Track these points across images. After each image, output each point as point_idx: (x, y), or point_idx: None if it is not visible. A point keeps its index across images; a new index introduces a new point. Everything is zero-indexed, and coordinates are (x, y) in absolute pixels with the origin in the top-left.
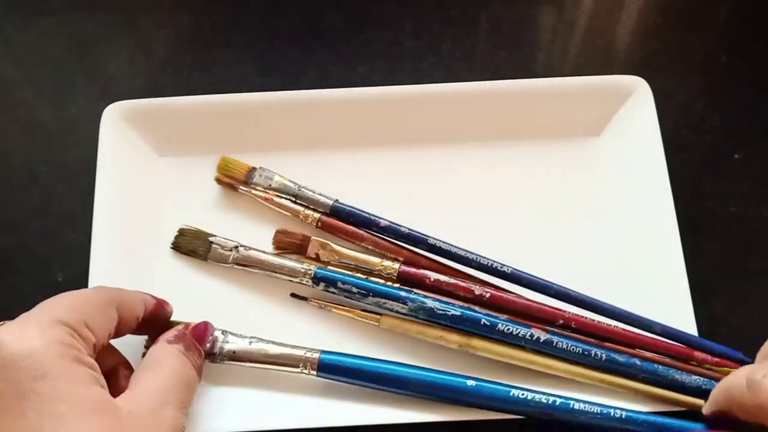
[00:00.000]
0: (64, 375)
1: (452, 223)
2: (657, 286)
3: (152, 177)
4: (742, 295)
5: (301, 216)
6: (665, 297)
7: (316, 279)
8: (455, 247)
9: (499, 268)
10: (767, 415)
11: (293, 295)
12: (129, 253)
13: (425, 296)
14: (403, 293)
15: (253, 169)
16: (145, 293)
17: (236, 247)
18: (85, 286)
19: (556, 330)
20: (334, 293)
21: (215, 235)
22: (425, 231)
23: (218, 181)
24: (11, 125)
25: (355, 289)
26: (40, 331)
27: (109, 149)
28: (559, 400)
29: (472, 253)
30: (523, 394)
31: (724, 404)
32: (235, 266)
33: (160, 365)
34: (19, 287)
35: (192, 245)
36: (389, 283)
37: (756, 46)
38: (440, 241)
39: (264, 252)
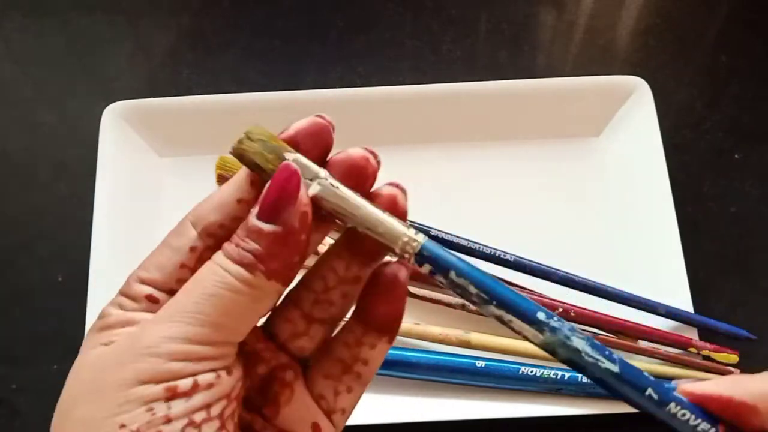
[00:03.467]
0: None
1: (451, 223)
2: (657, 286)
3: (152, 177)
4: (742, 295)
5: None
6: (665, 296)
7: (422, 257)
8: (458, 237)
9: (502, 256)
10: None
11: None
12: (129, 253)
13: (572, 329)
14: (542, 315)
15: None
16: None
17: (323, 177)
18: (85, 286)
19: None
20: (441, 283)
21: (294, 152)
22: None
23: (219, 179)
24: (11, 125)
25: (473, 289)
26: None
27: (109, 149)
28: (567, 374)
29: (474, 242)
30: (532, 371)
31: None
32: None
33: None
34: (19, 287)
35: (260, 157)
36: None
37: (756, 46)
38: (442, 231)
39: (361, 196)
